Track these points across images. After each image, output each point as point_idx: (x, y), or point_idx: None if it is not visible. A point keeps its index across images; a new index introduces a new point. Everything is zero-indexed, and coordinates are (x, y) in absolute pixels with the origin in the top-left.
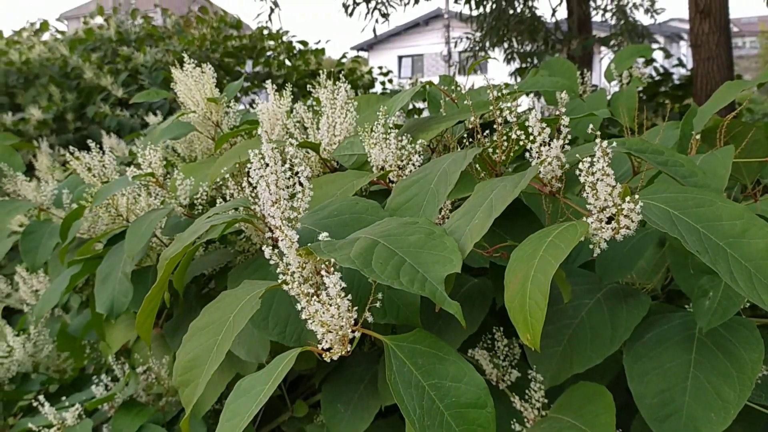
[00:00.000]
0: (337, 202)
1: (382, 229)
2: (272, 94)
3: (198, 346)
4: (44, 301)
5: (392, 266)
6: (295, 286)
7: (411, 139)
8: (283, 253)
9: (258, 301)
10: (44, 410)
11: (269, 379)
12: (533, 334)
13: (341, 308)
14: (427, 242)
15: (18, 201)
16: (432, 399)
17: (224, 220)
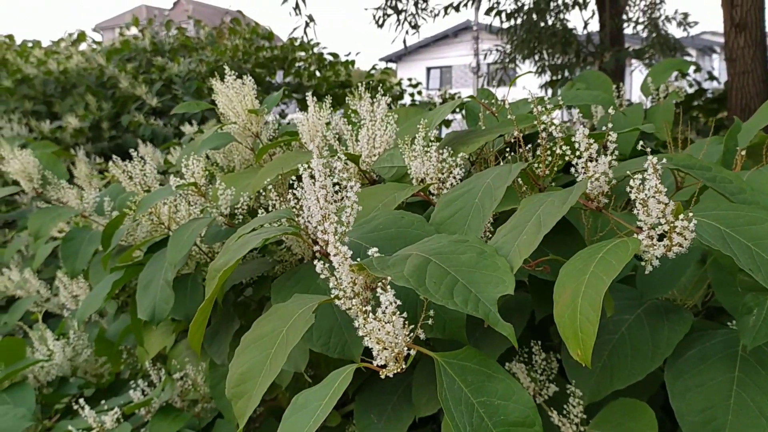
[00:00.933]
0: (382, 216)
1: (433, 247)
2: (312, 106)
3: (251, 358)
4: (86, 305)
5: (446, 286)
6: (346, 301)
7: (452, 152)
8: (334, 267)
9: (312, 315)
10: (84, 413)
11: (326, 395)
12: (584, 350)
13: (397, 326)
14: (479, 261)
15: (62, 208)
16: (481, 417)
17: (275, 233)
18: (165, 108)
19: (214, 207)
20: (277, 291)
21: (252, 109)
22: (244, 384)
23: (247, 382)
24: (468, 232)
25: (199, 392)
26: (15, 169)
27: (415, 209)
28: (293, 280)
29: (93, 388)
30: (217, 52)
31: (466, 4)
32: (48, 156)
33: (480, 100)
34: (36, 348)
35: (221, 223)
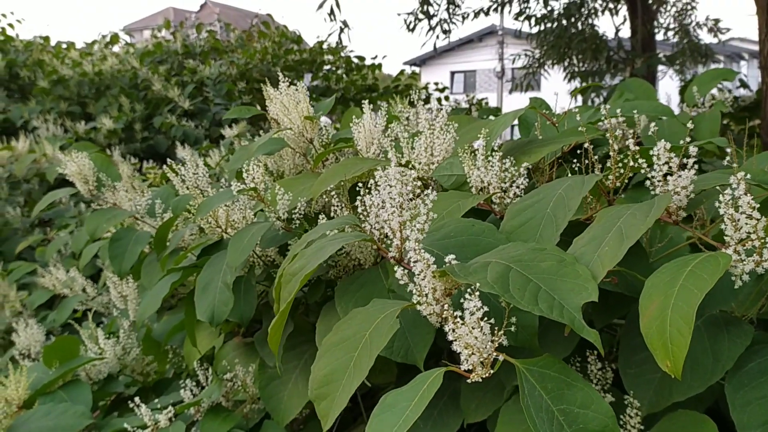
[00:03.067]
0: (452, 224)
1: (512, 255)
2: (368, 113)
3: (333, 361)
4: (146, 306)
5: (529, 292)
6: (428, 307)
7: (514, 161)
8: (414, 273)
9: (396, 321)
10: (140, 411)
11: (414, 396)
12: (675, 361)
13: (485, 331)
14: (559, 269)
15: (116, 209)
16: (561, 424)
17: (352, 239)
18: (196, 110)
19: (272, 211)
20: (340, 295)
21: (308, 115)
22: (327, 386)
23: (330, 384)
24: (540, 242)
25: (248, 393)
26: (71, 171)
27: (473, 217)
28: (356, 285)
29: (138, 386)
30: (247, 54)
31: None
32: (102, 158)
33: (540, 110)
34: (87, 346)
35: (279, 228)
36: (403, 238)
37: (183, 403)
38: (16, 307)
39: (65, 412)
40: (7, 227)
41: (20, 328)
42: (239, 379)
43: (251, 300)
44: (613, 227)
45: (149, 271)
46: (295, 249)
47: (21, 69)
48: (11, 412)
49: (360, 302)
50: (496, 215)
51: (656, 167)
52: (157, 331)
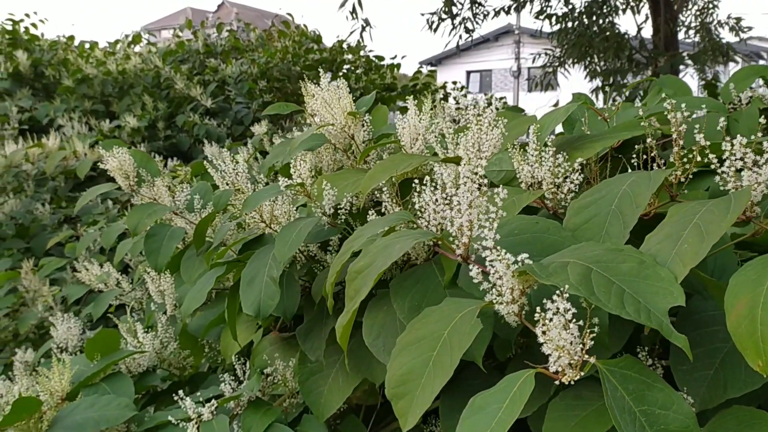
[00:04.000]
0: (515, 221)
1: (589, 255)
2: (413, 109)
3: (410, 360)
4: (191, 300)
5: (615, 295)
6: (506, 306)
7: (566, 157)
8: (488, 272)
9: (478, 321)
10: (184, 405)
11: (505, 398)
12: (766, 361)
13: (574, 333)
14: (640, 271)
15: (156, 205)
16: (643, 425)
17: (422, 238)
18: (218, 109)
19: (318, 207)
20: (395, 291)
21: (351, 111)
22: (405, 385)
23: (408, 383)
24: (606, 239)
25: (287, 387)
26: (112, 167)
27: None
28: (411, 281)
29: (173, 380)
30: (268, 54)
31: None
32: (141, 154)
33: (590, 106)
34: (126, 340)
35: (325, 223)
36: (470, 236)
37: (223, 397)
38: (48, 302)
39: (109, 403)
40: (35, 224)
41: (58, 322)
42: (279, 373)
43: (294, 295)
44: (689, 224)
45: (188, 265)
46: (348, 245)
47: (46, 68)
48: (55, 403)
49: (416, 299)
50: (549, 211)
51: (728, 162)
52: (193, 325)
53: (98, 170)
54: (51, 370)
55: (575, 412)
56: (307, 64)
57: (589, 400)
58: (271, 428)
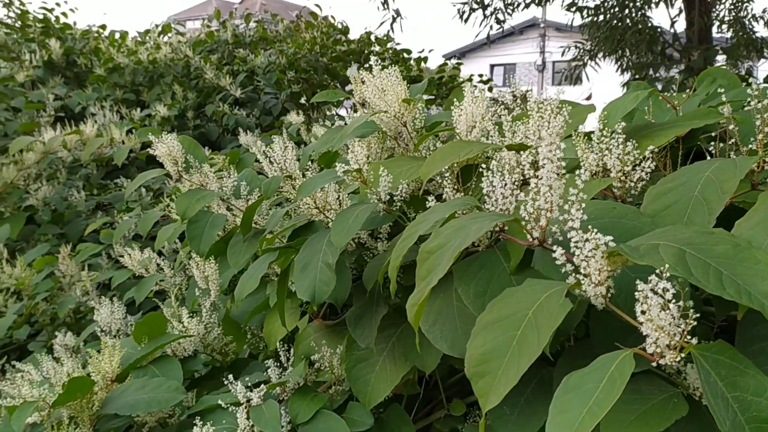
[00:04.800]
0: (591, 206)
1: (679, 237)
2: (469, 95)
3: (491, 340)
4: (243, 284)
5: (713, 276)
6: (593, 288)
7: (635, 145)
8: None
9: (567, 300)
10: (234, 389)
11: (602, 378)
12: None
13: (675, 314)
14: (736, 254)
15: (204, 190)
16: (735, 412)
17: (498, 220)
18: (247, 98)
19: (374, 193)
20: (459, 277)
21: (406, 98)
22: (486, 364)
23: (489, 362)
24: (689, 225)
25: (333, 374)
26: (161, 152)
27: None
28: (475, 267)
29: (214, 365)
30: (296, 44)
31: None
32: (189, 141)
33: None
34: (172, 324)
35: (380, 209)
36: (549, 218)
37: (270, 382)
38: (86, 287)
39: (160, 386)
40: (70, 210)
41: (102, 307)
42: (325, 360)
43: (345, 281)
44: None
45: (235, 251)
46: (414, 228)
47: (78, 57)
48: (105, 384)
49: (481, 284)
50: (617, 200)
51: None
52: (236, 312)
53: (129, 158)
54: (101, 352)
55: (634, 406)
56: (335, 55)
57: (649, 394)
58: (318, 414)
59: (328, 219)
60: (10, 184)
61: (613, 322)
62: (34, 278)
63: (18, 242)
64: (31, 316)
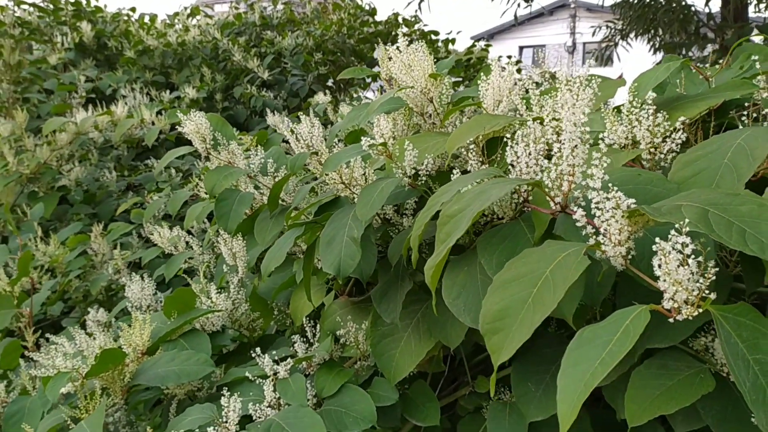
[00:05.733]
0: (615, 173)
1: (704, 198)
2: (497, 70)
3: (508, 296)
4: (270, 259)
5: (736, 233)
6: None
7: (666, 116)
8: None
9: (585, 258)
10: (261, 362)
11: (616, 330)
12: None
13: (693, 268)
14: (761, 213)
15: (232, 168)
16: (756, 374)
17: (518, 183)
18: (274, 80)
19: (399, 167)
20: (483, 248)
21: (433, 73)
22: (501, 320)
23: (504, 318)
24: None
25: (359, 350)
26: (190, 130)
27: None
28: (498, 238)
29: (242, 340)
30: (323, 26)
31: None
32: (217, 118)
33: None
34: (201, 299)
35: (405, 184)
36: (571, 182)
37: (296, 357)
38: (118, 265)
39: (189, 359)
40: (102, 190)
41: (133, 283)
42: (351, 335)
43: (370, 257)
44: None
45: (262, 227)
46: (436, 198)
47: (109, 39)
48: (136, 357)
49: (503, 256)
50: None
51: None
52: (264, 288)
53: (159, 140)
54: (132, 326)
55: (661, 381)
56: (362, 37)
57: (676, 370)
58: (344, 388)
59: (353, 194)
60: (44, 164)
61: (639, 289)
62: (68, 256)
63: (51, 221)
64: (64, 293)
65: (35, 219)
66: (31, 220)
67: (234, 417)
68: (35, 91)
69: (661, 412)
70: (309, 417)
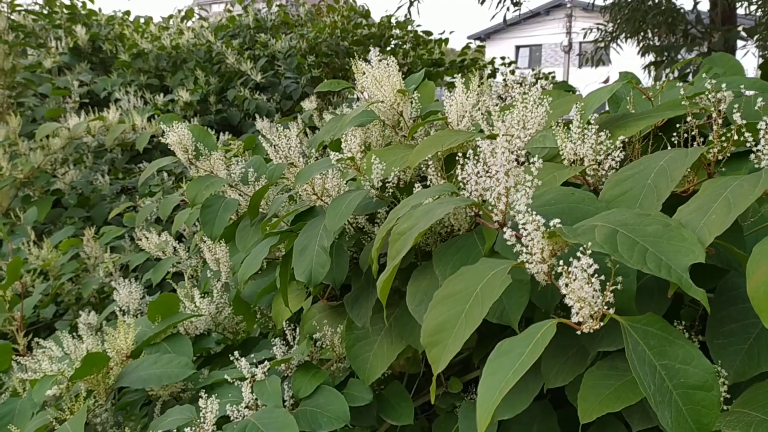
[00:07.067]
0: (552, 192)
1: (617, 219)
2: (460, 86)
3: (444, 312)
4: (246, 267)
5: (638, 253)
6: (536, 266)
7: (609, 135)
8: (521, 235)
9: (508, 276)
10: (239, 365)
11: (529, 343)
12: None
13: (596, 286)
14: (665, 233)
15: (213, 177)
16: (663, 378)
17: (460, 203)
18: (267, 83)
19: (367, 180)
20: (438, 259)
21: (401, 89)
22: (438, 334)
23: (441, 332)
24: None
25: (334, 352)
26: (172, 141)
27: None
28: (453, 249)
29: (226, 343)
30: (317, 28)
31: None
32: (199, 129)
33: (635, 84)
34: (184, 304)
35: (373, 196)
36: (508, 203)
37: (274, 359)
38: (109, 268)
39: (170, 362)
40: (95, 194)
41: (120, 287)
42: (327, 338)
43: (343, 264)
44: (719, 197)
45: (243, 235)
46: (395, 213)
47: (103, 43)
48: (120, 360)
49: (457, 266)
50: (590, 187)
51: (764, 141)
52: (246, 292)
53: (153, 143)
54: (117, 330)
55: (610, 381)
56: (356, 39)
57: (624, 371)
58: (319, 389)
59: (326, 204)
60: (38, 169)
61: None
62: (60, 259)
63: (45, 225)
64: (57, 295)
65: (29, 223)
66: (25, 224)
67: (211, 418)
68: (30, 95)
69: (609, 409)
70: (283, 417)
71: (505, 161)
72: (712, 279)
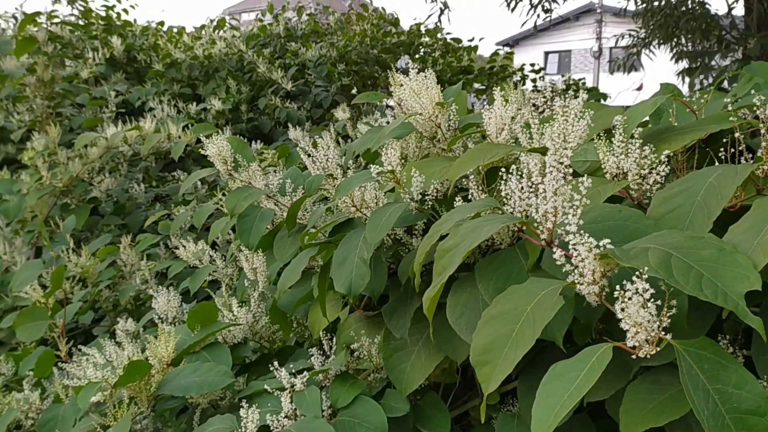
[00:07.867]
0: (598, 209)
1: (669, 242)
2: (499, 99)
3: (494, 331)
4: (286, 277)
5: (693, 278)
6: (587, 287)
7: (653, 149)
8: (571, 255)
9: (560, 298)
10: (279, 375)
11: (584, 367)
12: None
13: (652, 311)
14: (720, 257)
15: (252, 188)
16: (715, 402)
17: (507, 221)
18: (298, 92)
19: (407, 192)
20: (480, 274)
21: (439, 101)
22: (488, 353)
23: (491, 351)
24: (690, 229)
25: (372, 362)
26: (212, 153)
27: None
28: (495, 264)
29: (263, 352)
30: (346, 37)
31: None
32: (237, 141)
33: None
34: (223, 312)
35: (412, 208)
36: (555, 222)
37: (312, 369)
38: (145, 276)
39: (210, 370)
40: (131, 201)
41: (159, 295)
42: (364, 349)
43: (381, 275)
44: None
45: (281, 245)
46: (437, 227)
47: (138, 53)
48: (161, 368)
49: (500, 281)
50: (634, 201)
51: None
52: (283, 302)
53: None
54: (158, 338)
55: (653, 396)
56: (385, 47)
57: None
58: (357, 400)
59: (365, 216)
60: (76, 177)
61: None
62: (98, 267)
63: (83, 232)
64: (95, 302)
65: (68, 231)
66: (64, 232)
67: (252, 427)
68: (67, 105)
69: (652, 424)
70: (322, 428)
71: (554, 180)
72: (761, 294)
